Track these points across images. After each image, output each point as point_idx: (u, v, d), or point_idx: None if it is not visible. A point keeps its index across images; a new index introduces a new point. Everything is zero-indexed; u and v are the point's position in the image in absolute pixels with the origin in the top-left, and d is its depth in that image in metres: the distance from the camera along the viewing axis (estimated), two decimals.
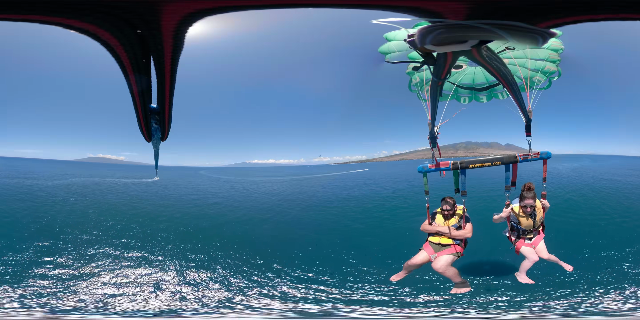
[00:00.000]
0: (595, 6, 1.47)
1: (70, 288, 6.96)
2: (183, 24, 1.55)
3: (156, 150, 2.67)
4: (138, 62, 1.71)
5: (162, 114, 2.13)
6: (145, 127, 2.19)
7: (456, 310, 5.89)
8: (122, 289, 7.01)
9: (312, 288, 6.93)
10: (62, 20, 1.49)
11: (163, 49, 1.63)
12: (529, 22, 1.46)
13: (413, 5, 1.55)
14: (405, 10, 1.58)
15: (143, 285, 7.19)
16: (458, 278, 5.65)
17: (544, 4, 1.47)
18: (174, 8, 1.48)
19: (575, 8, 1.48)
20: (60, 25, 1.50)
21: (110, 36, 1.56)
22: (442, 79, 4.31)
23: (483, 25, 1.44)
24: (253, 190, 23.76)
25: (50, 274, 7.55)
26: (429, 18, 1.58)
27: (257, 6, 1.59)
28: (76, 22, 1.49)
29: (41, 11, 1.44)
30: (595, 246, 8.96)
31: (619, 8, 1.48)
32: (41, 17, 1.47)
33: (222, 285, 7.24)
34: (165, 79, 1.81)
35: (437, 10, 1.53)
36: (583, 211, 12.78)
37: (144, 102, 1.98)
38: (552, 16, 1.50)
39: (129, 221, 12.36)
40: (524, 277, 5.71)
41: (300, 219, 13.11)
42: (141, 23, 1.52)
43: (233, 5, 1.55)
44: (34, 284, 7.03)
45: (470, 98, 6.34)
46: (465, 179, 5.70)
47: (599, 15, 1.50)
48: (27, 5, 1.44)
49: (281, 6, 1.60)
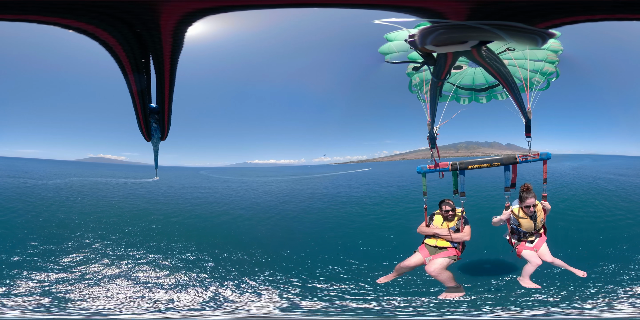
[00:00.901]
0: (593, 7, 1.47)
1: (66, 287, 6.95)
2: (182, 24, 1.55)
3: (156, 150, 2.67)
4: (137, 62, 1.71)
5: (161, 114, 2.14)
6: (145, 127, 2.19)
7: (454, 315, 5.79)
8: (116, 288, 6.99)
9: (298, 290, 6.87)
10: (60, 20, 1.48)
11: (162, 48, 1.63)
12: (528, 22, 1.46)
13: (415, 5, 1.56)
14: (407, 10, 1.58)
15: (138, 285, 7.18)
16: (452, 282, 5.44)
17: (543, 5, 1.48)
18: (172, 7, 1.48)
19: (573, 9, 1.48)
20: (58, 25, 1.50)
21: (108, 36, 1.56)
22: (442, 79, 4.31)
23: (483, 26, 1.44)
24: (253, 189, 23.79)
25: (44, 273, 7.54)
26: (430, 18, 1.58)
27: (258, 6, 1.59)
28: (73, 22, 1.49)
29: (38, 11, 1.43)
30: (602, 246, 8.81)
31: (616, 8, 1.48)
32: (38, 17, 1.47)
33: (216, 285, 7.24)
34: (165, 79, 1.81)
35: (440, 11, 1.54)
36: (587, 211, 12.65)
37: (144, 101, 1.98)
38: (551, 17, 1.50)
39: (125, 220, 12.36)
40: (528, 281, 5.50)
41: (300, 220, 13.10)
42: (139, 22, 1.51)
43: (233, 5, 1.55)
44: (24, 283, 7.01)
45: (470, 99, 6.34)
46: (464, 180, 5.68)
47: (596, 16, 1.50)
48: (24, 6, 1.43)
49: (282, 6, 1.60)
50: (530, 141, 5.40)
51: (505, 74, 4.38)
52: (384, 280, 5.94)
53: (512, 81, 4.71)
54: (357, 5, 1.58)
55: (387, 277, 5.92)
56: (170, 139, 2.75)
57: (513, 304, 6.00)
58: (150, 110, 2.10)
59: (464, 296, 5.59)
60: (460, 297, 5.51)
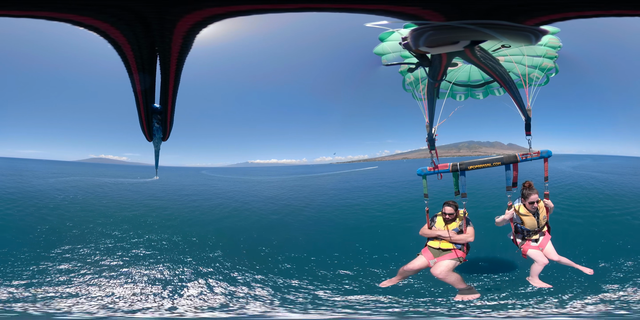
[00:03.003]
0: (584, 2, 1.44)
1: (62, 286, 6.96)
2: (196, 26, 1.54)
3: (157, 150, 2.67)
4: (143, 61, 1.70)
5: (164, 114, 2.14)
6: (147, 126, 2.20)
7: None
8: (112, 288, 6.97)
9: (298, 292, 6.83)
10: (75, 17, 1.46)
11: (170, 49, 1.62)
12: (513, 20, 1.43)
13: (394, 10, 1.53)
14: (387, 13, 1.56)
15: (134, 284, 7.17)
16: (462, 284, 5.32)
17: (529, 2, 1.45)
18: (193, 15, 1.47)
19: (561, 5, 1.45)
20: (70, 22, 1.47)
21: (119, 34, 1.55)
22: (438, 80, 4.26)
23: (472, 26, 1.43)
24: (254, 188, 23.83)
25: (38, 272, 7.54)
26: (413, 20, 1.57)
27: (270, 10, 1.58)
28: (88, 20, 1.46)
29: (53, 7, 1.40)
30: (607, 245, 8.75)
31: (608, 4, 1.45)
32: (51, 14, 1.43)
33: (216, 285, 7.22)
34: (170, 79, 1.81)
35: (416, 14, 1.52)
36: (589, 209, 12.63)
37: (147, 101, 1.98)
38: (537, 14, 1.47)
39: (121, 219, 12.38)
40: (538, 281, 5.44)
41: (301, 219, 13.09)
42: (158, 23, 1.50)
43: (246, 10, 1.53)
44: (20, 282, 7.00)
45: (466, 95, 6.25)
46: (465, 180, 5.64)
47: (587, 12, 1.47)
48: (36, 1, 1.40)
49: (285, 10, 1.59)
50: (530, 139, 5.34)
51: (502, 72, 4.33)
52: (387, 284, 5.81)
53: (509, 79, 4.65)
54: (355, 10, 1.57)
55: (391, 280, 5.81)
56: (173, 140, 2.75)
57: (525, 304, 5.93)
58: (152, 110, 2.10)
59: (479, 298, 5.47)
60: (475, 298, 5.40)
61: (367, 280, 7.23)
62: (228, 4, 1.47)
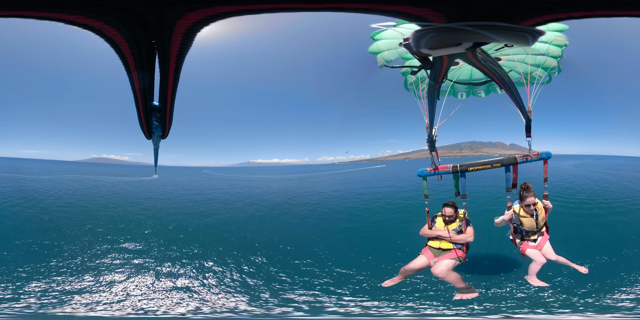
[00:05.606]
0: (574, 3, 1.42)
1: (60, 285, 6.97)
2: (197, 25, 1.52)
3: (156, 148, 2.66)
4: (142, 59, 1.69)
5: (163, 112, 2.13)
6: (146, 124, 2.19)
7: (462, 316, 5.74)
8: (111, 288, 6.98)
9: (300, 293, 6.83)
10: (64, 17, 1.43)
11: (170, 47, 1.60)
12: (507, 21, 1.42)
13: (398, 10, 1.51)
14: (387, 14, 1.55)
15: (132, 284, 7.17)
16: (461, 283, 5.41)
17: (520, 4, 1.43)
18: (196, 13, 1.44)
19: (552, 6, 1.43)
20: (62, 21, 1.45)
21: (116, 33, 1.52)
22: (439, 82, 4.25)
23: (471, 28, 1.41)
24: (256, 187, 23.87)
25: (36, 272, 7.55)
26: (415, 21, 1.55)
27: (275, 10, 1.55)
28: (80, 18, 1.44)
29: (41, 7, 1.37)
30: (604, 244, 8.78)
31: (600, 5, 1.43)
32: (40, 13, 1.40)
33: (215, 284, 7.22)
34: (169, 77, 1.79)
35: (418, 14, 1.50)
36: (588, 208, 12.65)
37: (145, 99, 1.97)
38: (530, 15, 1.45)
39: (119, 219, 12.42)
40: (535, 279, 5.52)
41: (301, 220, 13.09)
42: (156, 22, 1.48)
43: (250, 9, 1.51)
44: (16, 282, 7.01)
45: (468, 93, 6.22)
46: (465, 182, 5.66)
47: (576, 13, 1.45)
48: (25, 1, 1.37)
49: (289, 10, 1.56)
50: (530, 141, 5.32)
51: (502, 75, 4.33)
52: (389, 283, 5.85)
53: (509, 82, 4.64)
54: (357, 9, 1.55)
55: (392, 280, 5.84)
56: (174, 140, 2.73)
57: (523, 303, 5.99)
58: (152, 108, 2.09)
59: (477, 297, 5.55)
60: (474, 297, 5.48)
61: (369, 280, 7.27)
62: (230, 4, 1.45)
